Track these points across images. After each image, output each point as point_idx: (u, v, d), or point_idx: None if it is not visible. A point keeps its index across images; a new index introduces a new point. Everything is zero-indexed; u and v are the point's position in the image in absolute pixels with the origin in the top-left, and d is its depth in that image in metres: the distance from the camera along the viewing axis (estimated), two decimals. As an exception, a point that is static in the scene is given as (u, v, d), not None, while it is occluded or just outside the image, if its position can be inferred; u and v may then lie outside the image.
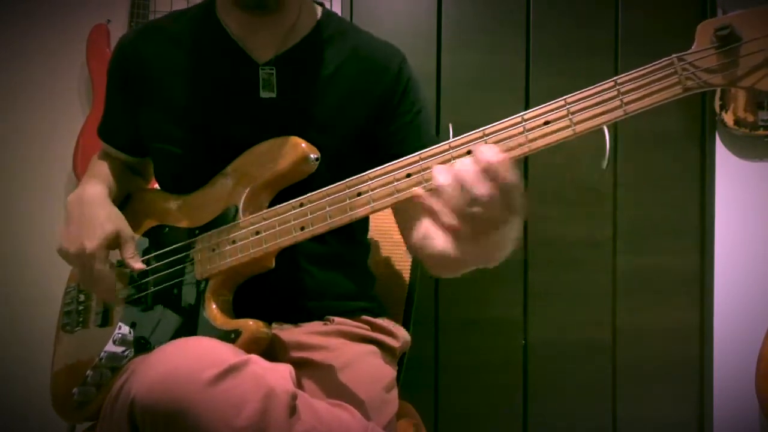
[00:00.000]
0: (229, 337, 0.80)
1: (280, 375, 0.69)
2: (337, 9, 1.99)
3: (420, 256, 0.93)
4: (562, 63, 1.94)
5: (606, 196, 1.96)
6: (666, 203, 1.98)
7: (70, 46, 2.07)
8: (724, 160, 2.03)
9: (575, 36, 1.96)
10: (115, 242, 0.91)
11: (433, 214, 0.64)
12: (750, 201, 2.05)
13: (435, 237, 0.77)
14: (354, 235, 1.07)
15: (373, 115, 0.98)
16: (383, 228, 1.30)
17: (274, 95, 0.95)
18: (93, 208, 0.92)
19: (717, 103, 1.97)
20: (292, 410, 0.66)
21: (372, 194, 0.75)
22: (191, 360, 0.65)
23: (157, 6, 2.06)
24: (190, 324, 0.86)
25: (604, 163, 1.91)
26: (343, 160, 0.93)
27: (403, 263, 1.30)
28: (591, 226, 1.96)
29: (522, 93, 1.95)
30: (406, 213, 0.97)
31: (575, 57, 1.94)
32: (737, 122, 1.96)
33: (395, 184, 0.74)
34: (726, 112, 1.96)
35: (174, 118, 0.97)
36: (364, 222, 1.11)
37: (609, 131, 1.91)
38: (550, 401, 1.96)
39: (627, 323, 1.97)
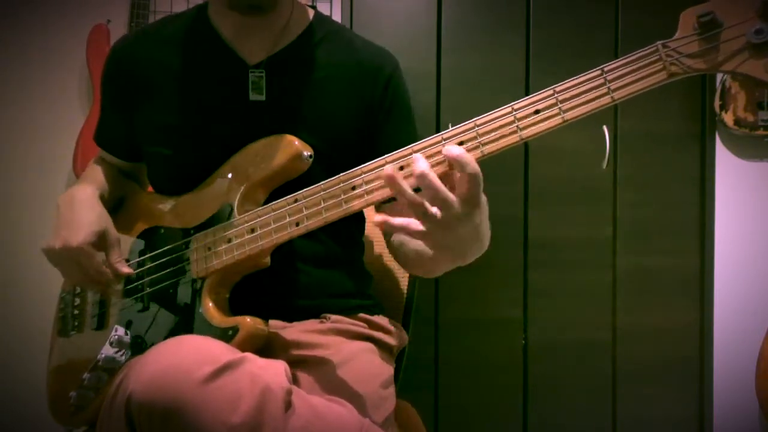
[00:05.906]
0: (226, 334, 0.80)
1: (275, 371, 0.69)
2: (337, 9, 2.00)
3: (398, 258, 1.00)
4: (562, 63, 1.94)
5: (606, 196, 1.96)
6: (666, 203, 1.97)
7: (70, 46, 2.07)
8: (724, 160, 2.03)
9: (575, 36, 1.96)
10: (101, 242, 0.91)
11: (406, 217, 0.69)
12: (750, 201, 2.05)
13: (409, 240, 0.88)
14: (350, 234, 1.07)
15: (363, 120, 0.98)
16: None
17: (263, 98, 0.95)
18: (82, 208, 0.93)
19: (717, 103, 1.96)
20: (288, 405, 0.66)
21: (366, 187, 0.76)
22: (187, 357, 0.65)
23: (157, 6, 2.07)
24: (188, 323, 0.86)
25: (604, 163, 1.91)
26: (336, 162, 0.93)
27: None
28: (591, 226, 1.96)
29: (522, 93, 1.95)
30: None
31: (575, 57, 1.94)
32: (737, 122, 1.95)
33: None
34: (726, 112, 1.96)
35: (166, 120, 0.97)
36: (359, 221, 1.11)
37: (609, 131, 1.91)
38: (550, 401, 1.96)
39: (627, 323, 1.96)
